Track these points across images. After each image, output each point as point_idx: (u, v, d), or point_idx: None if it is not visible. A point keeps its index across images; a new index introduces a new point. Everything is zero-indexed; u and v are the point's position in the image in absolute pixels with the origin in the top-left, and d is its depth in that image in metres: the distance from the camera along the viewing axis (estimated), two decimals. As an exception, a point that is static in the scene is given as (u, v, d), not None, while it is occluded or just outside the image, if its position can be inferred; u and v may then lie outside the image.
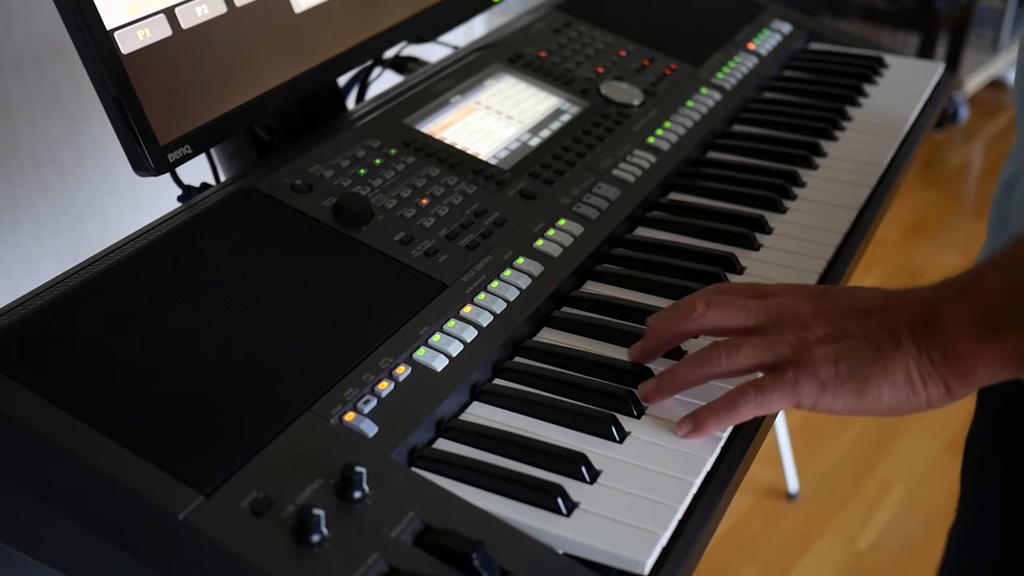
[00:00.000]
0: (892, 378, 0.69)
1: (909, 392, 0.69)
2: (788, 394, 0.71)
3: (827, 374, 0.70)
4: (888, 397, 0.69)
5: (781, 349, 0.72)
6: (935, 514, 2.03)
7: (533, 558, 0.64)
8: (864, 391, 0.70)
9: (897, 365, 0.69)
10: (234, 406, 0.69)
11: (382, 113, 1.03)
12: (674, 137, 1.13)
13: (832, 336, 0.71)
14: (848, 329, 0.71)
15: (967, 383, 0.69)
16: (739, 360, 0.73)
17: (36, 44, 1.42)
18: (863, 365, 0.70)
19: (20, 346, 0.70)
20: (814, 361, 0.70)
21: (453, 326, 0.81)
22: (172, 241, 0.82)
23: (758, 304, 0.75)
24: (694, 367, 0.75)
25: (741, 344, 0.73)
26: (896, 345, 0.69)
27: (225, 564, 0.61)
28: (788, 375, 0.71)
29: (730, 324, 0.76)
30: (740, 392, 0.72)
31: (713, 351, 0.74)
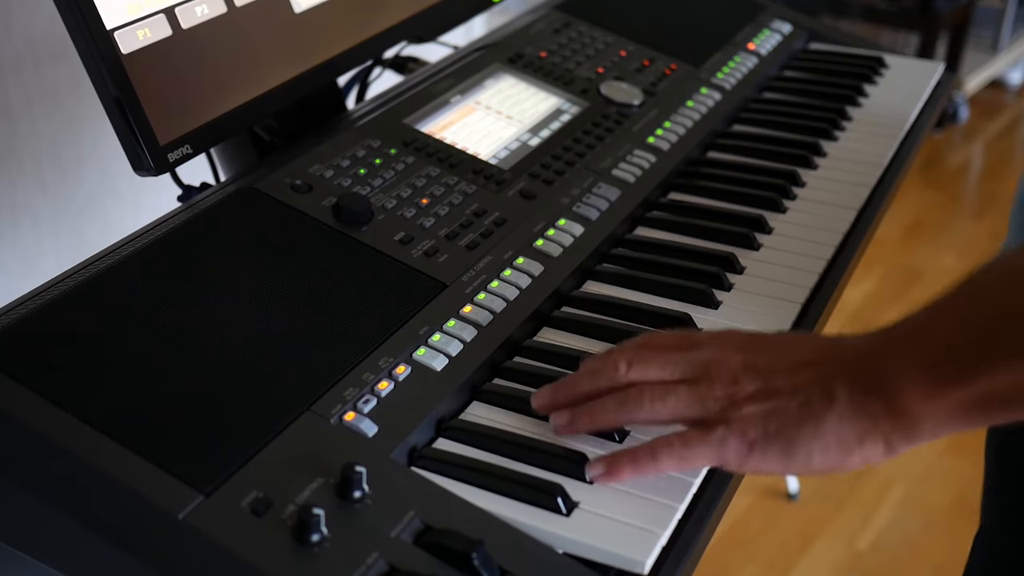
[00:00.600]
0: (823, 439, 0.65)
1: (841, 452, 0.65)
2: (714, 453, 0.67)
3: (755, 434, 0.66)
4: (819, 458, 0.65)
5: (709, 404, 0.68)
6: (935, 514, 2.03)
7: (533, 558, 0.64)
8: (792, 452, 0.66)
9: (828, 425, 0.65)
10: (234, 406, 0.69)
11: (382, 113, 1.03)
12: (674, 137, 1.13)
13: (762, 393, 0.67)
14: (778, 385, 0.67)
15: (910, 439, 0.64)
16: (662, 410, 0.69)
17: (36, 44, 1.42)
18: (792, 424, 0.65)
19: (20, 346, 0.70)
20: (742, 420, 0.67)
21: (453, 326, 0.81)
22: (172, 241, 0.82)
23: (683, 358, 0.71)
24: (615, 409, 0.71)
25: (668, 393, 0.69)
26: (829, 403, 0.65)
27: (225, 564, 0.61)
28: (716, 433, 0.67)
29: (654, 379, 0.71)
30: (664, 444, 0.68)
31: (637, 396, 0.70)
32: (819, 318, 0.91)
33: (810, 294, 0.93)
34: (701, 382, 0.69)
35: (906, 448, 0.65)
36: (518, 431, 0.75)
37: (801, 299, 0.91)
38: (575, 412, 0.73)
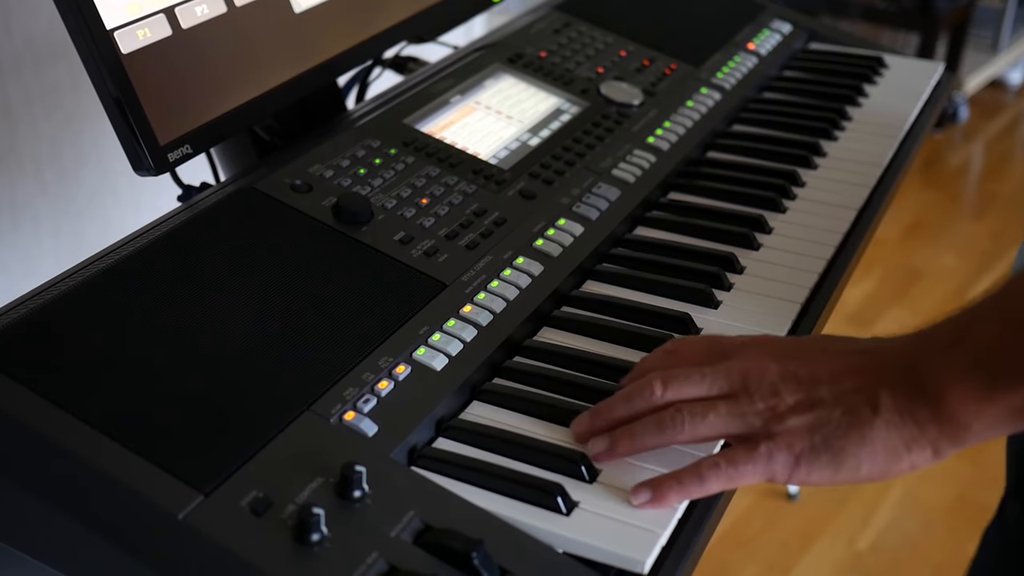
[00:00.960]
0: (871, 447, 0.64)
1: (889, 460, 0.64)
2: (762, 469, 0.66)
3: (801, 447, 0.65)
4: (867, 467, 0.65)
5: (750, 419, 0.67)
6: (935, 514, 2.03)
7: (533, 557, 0.64)
8: (841, 463, 0.65)
9: (876, 433, 0.64)
10: (234, 405, 0.69)
11: (382, 113, 1.03)
12: (674, 137, 1.13)
13: (804, 404, 0.66)
14: (820, 395, 0.66)
15: (958, 443, 0.64)
16: (704, 429, 0.68)
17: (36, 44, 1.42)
18: (839, 435, 0.65)
19: (20, 346, 0.70)
20: (788, 433, 0.65)
21: (453, 326, 0.81)
22: (172, 241, 0.82)
23: (718, 372, 0.69)
24: (655, 433, 0.69)
25: (707, 411, 0.68)
26: (874, 411, 0.64)
27: (225, 564, 0.61)
28: (761, 449, 0.66)
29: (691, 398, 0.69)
30: (710, 465, 0.67)
31: (676, 417, 0.68)
32: (819, 318, 0.91)
33: (810, 294, 0.92)
34: (740, 396, 0.67)
35: (953, 452, 0.64)
36: (518, 431, 0.75)
37: (801, 299, 0.91)
38: (613, 437, 0.71)
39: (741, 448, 0.67)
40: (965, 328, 0.65)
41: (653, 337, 0.84)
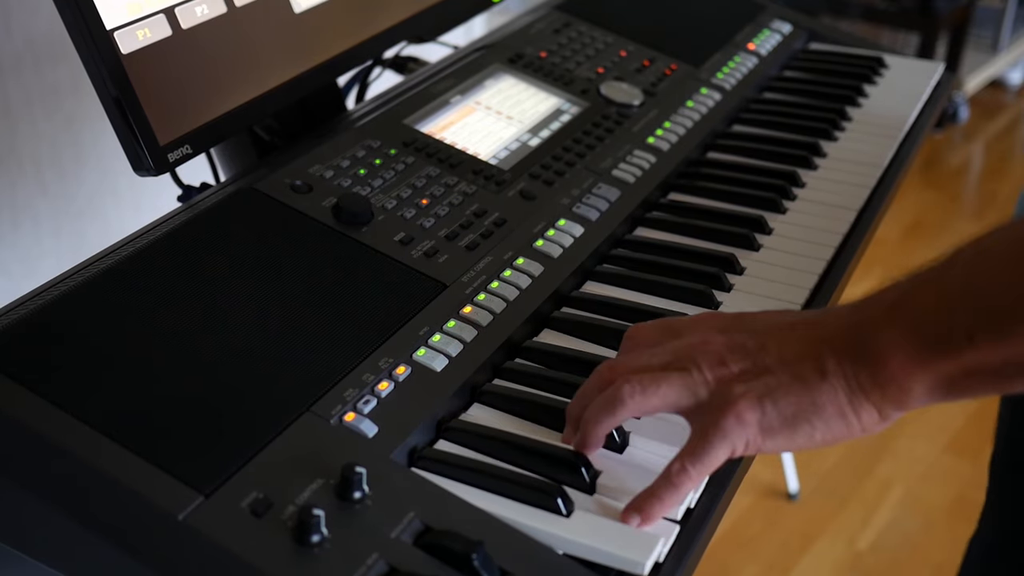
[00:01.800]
0: (823, 412, 0.65)
1: (841, 423, 0.65)
2: (722, 450, 0.66)
3: (753, 417, 0.65)
4: (821, 432, 0.65)
5: (698, 390, 0.67)
6: (935, 514, 2.03)
7: (533, 559, 0.64)
8: (795, 429, 0.65)
9: (824, 398, 0.64)
10: (234, 406, 0.69)
11: (382, 113, 1.03)
12: (674, 137, 1.13)
13: (751, 372, 0.66)
14: (767, 363, 0.66)
15: (901, 406, 0.64)
16: (654, 400, 0.68)
17: (36, 45, 1.42)
18: (791, 402, 0.65)
19: (20, 346, 0.70)
20: (735, 403, 0.65)
21: (453, 326, 0.81)
22: (172, 241, 0.82)
23: (666, 350, 0.70)
24: (605, 410, 0.69)
25: (653, 382, 0.68)
26: (822, 375, 0.65)
27: (225, 564, 0.61)
28: (713, 429, 0.66)
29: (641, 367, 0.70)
30: (677, 469, 0.67)
31: (624, 388, 0.68)
32: (819, 318, 0.91)
33: (810, 294, 0.93)
34: (689, 368, 0.68)
35: (898, 415, 0.65)
36: (518, 433, 0.75)
37: (801, 299, 0.91)
38: (580, 437, 0.72)
39: (696, 437, 0.68)
40: (905, 295, 0.65)
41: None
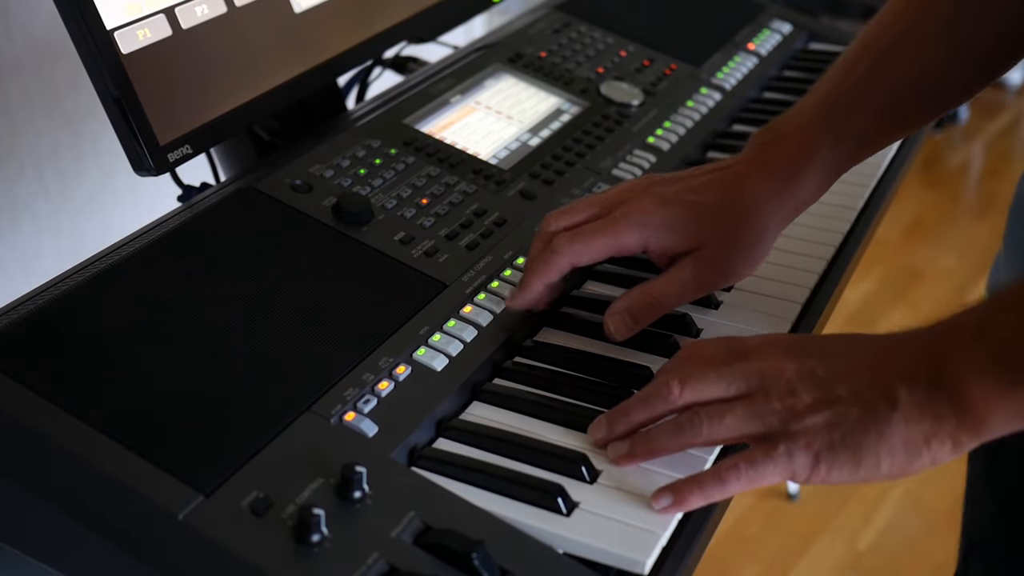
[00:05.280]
0: (890, 444, 0.64)
1: (909, 456, 0.64)
2: (782, 469, 0.66)
3: (820, 445, 0.65)
4: (887, 464, 0.64)
5: (768, 419, 0.66)
6: (935, 514, 2.03)
7: (533, 558, 0.64)
8: (860, 460, 0.64)
9: (895, 429, 0.64)
10: (234, 406, 0.69)
11: (382, 113, 1.03)
12: (674, 137, 1.13)
13: (822, 402, 0.65)
14: (838, 393, 0.65)
15: (978, 436, 0.63)
16: (722, 431, 0.68)
17: (36, 44, 1.42)
18: (857, 432, 0.64)
19: (20, 346, 0.70)
20: (806, 432, 0.65)
21: (453, 326, 0.81)
22: (172, 241, 0.82)
23: (735, 372, 0.68)
24: (673, 436, 0.69)
25: (725, 413, 0.67)
26: (892, 406, 0.64)
27: (225, 564, 0.61)
28: (780, 449, 0.65)
29: (709, 398, 0.69)
30: (730, 467, 0.67)
31: (695, 420, 0.68)
32: (819, 318, 0.91)
33: (810, 294, 0.92)
34: (757, 396, 0.67)
35: (973, 445, 0.64)
36: (518, 431, 0.75)
37: (801, 299, 0.91)
38: (633, 442, 0.71)
39: (760, 449, 0.67)
40: (986, 321, 0.64)
41: (653, 337, 0.84)
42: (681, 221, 0.81)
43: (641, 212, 0.81)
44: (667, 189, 0.83)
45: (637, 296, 0.82)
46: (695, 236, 0.81)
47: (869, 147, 0.88)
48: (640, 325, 0.82)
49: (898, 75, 0.85)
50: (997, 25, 0.84)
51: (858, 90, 0.85)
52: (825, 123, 0.84)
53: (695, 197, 0.82)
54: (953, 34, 0.85)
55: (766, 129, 0.86)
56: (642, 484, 0.70)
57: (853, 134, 0.85)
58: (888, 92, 0.85)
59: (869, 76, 0.85)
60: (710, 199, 0.82)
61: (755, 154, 0.85)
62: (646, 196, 0.82)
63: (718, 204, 0.82)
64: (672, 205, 0.81)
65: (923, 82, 0.86)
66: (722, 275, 0.83)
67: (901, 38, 0.85)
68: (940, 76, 0.86)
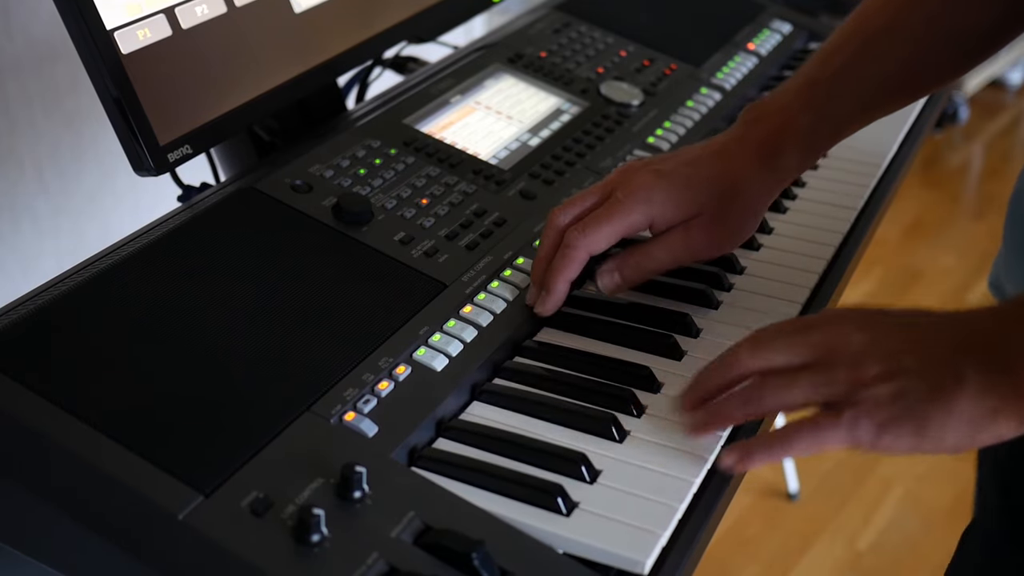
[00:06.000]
0: (956, 418, 0.65)
1: (973, 429, 0.65)
2: (845, 435, 0.67)
3: (886, 414, 0.66)
4: (951, 436, 0.65)
5: (835, 388, 0.67)
6: (935, 514, 2.03)
7: (533, 558, 0.64)
8: (924, 430, 0.66)
9: (960, 404, 0.65)
10: (234, 406, 0.69)
11: (382, 113, 1.03)
12: (674, 137, 1.13)
13: (888, 374, 0.66)
14: (904, 365, 0.66)
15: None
16: (788, 398, 0.69)
17: (36, 44, 1.42)
18: (923, 403, 0.65)
19: (20, 346, 0.70)
20: (872, 402, 0.66)
21: (453, 326, 0.81)
22: (172, 241, 0.82)
23: (804, 341, 0.70)
24: (741, 404, 0.71)
25: (792, 382, 0.69)
26: (958, 381, 0.65)
27: (225, 564, 0.61)
28: (845, 415, 0.66)
29: (777, 366, 0.70)
30: (796, 428, 0.68)
31: (762, 387, 0.70)
32: (819, 318, 0.91)
33: (810, 294, 0.92)
34: (824, 366, 0.68)
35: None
36: (518, 431, 0.75)
37: (801, 299, 0.91)
38: (706, 412, 0.73)
39: (825, 414, 0.68)
40: None
41: (653, 337, 0.84)
42: (680, 191, 0.85)
43: (643, 188, 0.84)
44: (662, 165, 0.86)
45: (628, 256, 0.86)
46: (692, 205, 0.85)
47: (848, 127, 0.91)
48: (628, 284, 0.86)
49: (879, 61, 0.88)
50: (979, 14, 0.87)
51: (839, 75, 0.88)
52: (806, 104, 0.88)
53: (690, 169, 0.86)
54: (935, 23, 0.87)
55: (752, 106, 0.91)
56: (642, 483, 0.70)
57: (832, 115, 0.89)
58: (868, 78, 0.88)
59: (851, 61, 0.88)
60: (704, 171, 0.86)
61: (741, 131, 0.89)
62: (644, 172, 0.85)
63: (711, 175, 0.86)
64: (670, 177, 0.85)
65: (903, 68, 0.89)
66: (714, 243, 0.87)
67: (885, 25, 0.88)
68: (920, 63, 0.89)
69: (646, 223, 0.85)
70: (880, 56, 0.88)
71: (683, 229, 0.85)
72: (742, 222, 0.87)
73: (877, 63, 0.88)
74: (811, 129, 0.88)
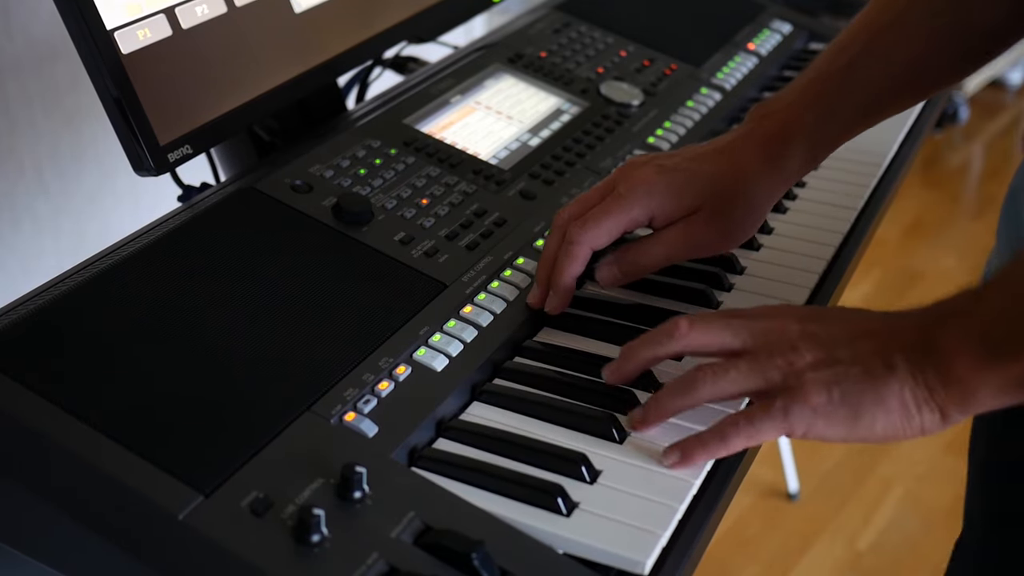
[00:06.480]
0: (886, 405, 0.67)
1: (903, 419, 0.67)
2: (779, 423, 0.68)
3: (819, 401, 0.67)
4: (882, 424, 0.67)
5: (770, 374, 0.69)
6: (935, 514, 2.03)
7: (533, 558, 0.64)
8: (857, 418, 0.67)
9: (891, 391, 0.67)
10: (234, 406, 0.69)
11: (382, 113, 1.03)
12: (674, 137, 1.13)
13: (823, 361, 0.68)
14: (838, 355, 0.68)
15: (965, 409, 0.66)
16: (725, 385, 0.70)
17: (36, 44, 1.42)
18: (856, 391, 0.67)
19: (20, 346, 0.70)
20: (804, 387, 0.68)
21: (453, 326, 0.81)
22: (172, 241, 0.82)
23: (744, 324, 0.72)
24: (679, 394, 0.72)
25: (728, 368, 0.70)
26: (890, 371, 0.67)
27: (225, 564, 0.61)
28: (777, 404, 0.68)
29: (715, 344, 0.72)
30: (730, 423, 0.70)
31: (698, 375, 0.71)
32: (819, 318, 0.91)
33: (810, 294, 0.92)
34: (760, 351, 0.70)
35: (961, 418, 0.67)
36: (518, 431, 0.75)
37: (801, 299, 0.91)
38: (646, 408, 0.74)
39: (759, 405, 0.70)
40: (975, 299, 0.68)
41: (653, 337, 0.84)
42: (682, 186, 0.85)
43: (644, 183, 0.84)
44: (666, 161, 0.87)
45: (627, 250, 0.86)
46: (693, 200, 0.85)
47: (854, 127, 0.91)
48: (627, 278, 0.87)
49: (885, 60, 0.88)
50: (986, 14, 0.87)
51: (845, 72, 0.88)
52: (812, 102, 0.88)
53: (693, 164, 0.86)
54: (942, 22, 0.87)
55: (759, 105, 0.91)
56: (642, 484, 0.70)
57: (838, 113, 0.88)
58: (874, 76, 0.88)
59: (857, 59, 0.88)
60: (707, 167, 0.86)
61: (747, 128, 0.89)
62: (646, 168, 0.86)
63: (714, 171, 0.86)
64: (673, 173, 0.85)
65: (909, 67, 0.89)
66: (714, 240, 0.87)
67: (891, 23, 0.88)
68: (926, 62, 0.89)
69: (646, 218, 0.85)
70: (886, 54, 0.88)
71: (683, 225, 0.85)
72: (743, 220, 0.87)
73: (883, 61, 0.88)
74: (817, 126, 0.88)
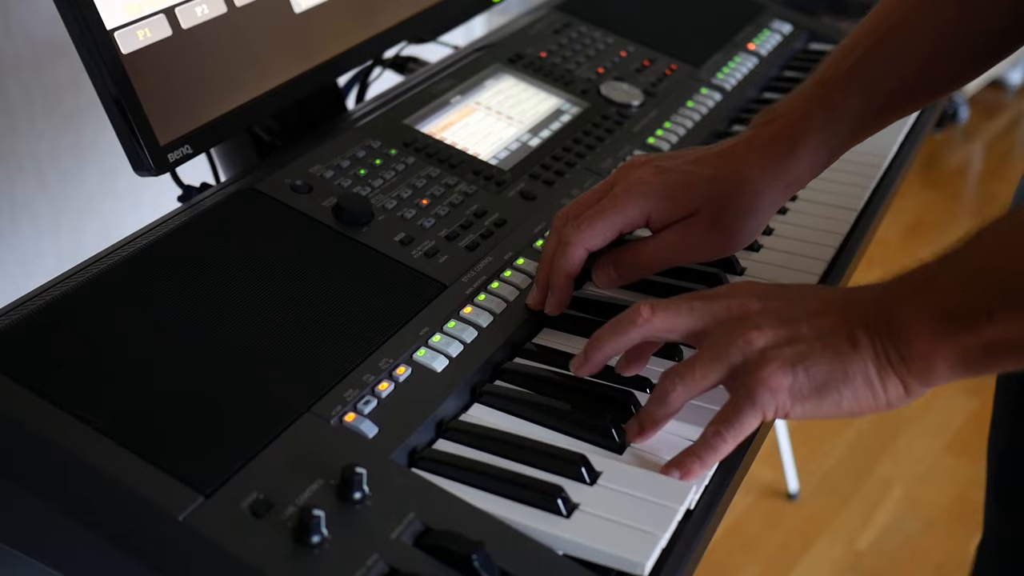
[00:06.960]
0: (852, 382, 0.67)
1: (868, 394, 0.67)
2: (752, 413, 0.69)
3: (785, 382, 0.68)
4: (848, 401, 0.68)
5: (731, 356, 0.69)
6: (935, 514, 2.03)
7: (533, 559, 0.64)
8: (824, 396, 0.68)
9: (856, 368, 0.67)
10: (234, 407, 0.69)
11: (382, 113, 1.03)
12: (674, 137, 1.13)
13: (784, 338, 0.69)
14: (800, 331, 0.69)
15: (926, 382, 0.67)
16: (693, 384, 0.71)
17: (36, 44, 1.42)
18: (821, 369, 0.68)
19: (20, 346, 0.70)
20: (767, 368, 0.68)
21: (453, 327, 0.81)
22: (172, 241, 0.82)
23: (705, 305, 0.73)
24: (658, 405, 0.72)
25: (692, 366, 0.71)
26: (853, 346, 0.67)
27: (225, 565, 0.61)
28: (746, 395, 0.68)
29: (677, 327, 0.73)
30: (712, 432, 0.70)
31: (666, 384, 0.71)
32: (819, 319, 0.91)
33: (810, 295, 0.92)
34: (720, 332, 0.70)
35: (923, 391, 0.68)
36: (518, 432, 0.75)
37: (801, 300, 0.91)
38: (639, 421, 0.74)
39: (729, 405, 0.70)
40: (930, 274, 0.69)
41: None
42: (679, 189, 0.84)
43: (641, 183, 0.84)
44: (666, 162, 0.86)
45: (623, 251, 0.86)
46: (690, 203, 0.84)
47: (861, 130, 0.90)
48: (623, 280, 0.87)
49: (892, 61, 0.88)
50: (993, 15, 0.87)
51: (852, 73, 0.88)
52: (819, 104, 0.87)
53: (692, 167, 0.85)
54: (949, 23, 0.87)
55: (766, 110, 0.90)
56: (642, 485, 0.70)
57: (846, 116, 0.88)
58: (880, 77, 0.88)
59: (864, 61, 0.88)
60: (706, 170, 0.85)
61: (752, 133, 0.88)
62: (645, 168, 0.85)
63: (713, 175, 0.85)
64: (671, 174, 0.84)
65: (916, 69, 0.89)
66: (712, 245, 0.86)
67: (898, 25, 0.88)
68: (933, 63, 0.89)
69: (643, 219, 0.84)
70: (893, 56, 0.88)
71: (680, 228, 0.85)
72: (742, 225, 0.85)
73: (890, 63, 0.88)
74: (823, 129, 0.87)
